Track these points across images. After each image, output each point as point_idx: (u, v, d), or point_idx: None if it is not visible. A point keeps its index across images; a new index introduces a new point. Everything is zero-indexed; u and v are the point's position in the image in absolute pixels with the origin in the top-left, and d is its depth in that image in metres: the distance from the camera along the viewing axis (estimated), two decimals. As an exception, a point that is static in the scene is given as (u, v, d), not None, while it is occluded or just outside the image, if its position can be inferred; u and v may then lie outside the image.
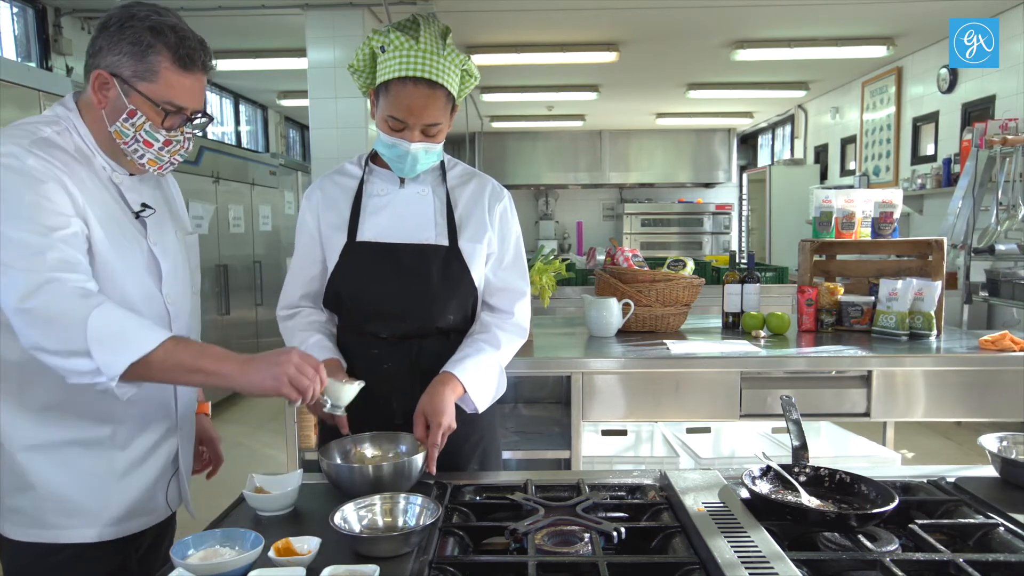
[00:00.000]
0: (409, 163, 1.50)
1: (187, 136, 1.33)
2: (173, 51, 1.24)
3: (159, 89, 1.25)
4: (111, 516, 1.32)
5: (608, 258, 2.93)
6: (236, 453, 4.65)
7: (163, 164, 1.33)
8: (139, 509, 1.36)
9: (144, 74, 1.24)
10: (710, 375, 2.31)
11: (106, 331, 1.12)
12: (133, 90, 1.25)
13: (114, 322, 1.13)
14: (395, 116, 1.45)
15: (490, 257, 1.61)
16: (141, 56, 1.23)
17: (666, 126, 10.21)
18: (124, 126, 1.27)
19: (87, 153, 1.29)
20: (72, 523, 1.29)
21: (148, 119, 1.27)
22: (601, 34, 5.92)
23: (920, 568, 1.04)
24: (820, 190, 3.03)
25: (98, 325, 1.12)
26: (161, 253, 1.37)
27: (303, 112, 6.76)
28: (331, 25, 4.90)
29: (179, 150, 1.33)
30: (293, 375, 1.17)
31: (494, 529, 1.20)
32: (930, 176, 5.90)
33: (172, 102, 1.27)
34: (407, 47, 1.41)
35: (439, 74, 1.42)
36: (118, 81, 1.25)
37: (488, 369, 1.54)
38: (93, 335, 1.11)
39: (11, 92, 3.59)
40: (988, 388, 2.29)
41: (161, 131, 1.28)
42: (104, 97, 1.26)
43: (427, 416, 1.42)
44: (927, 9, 5.16)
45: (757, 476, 1.29)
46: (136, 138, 1.27)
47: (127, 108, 1.25)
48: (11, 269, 1.12)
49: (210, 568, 1.00)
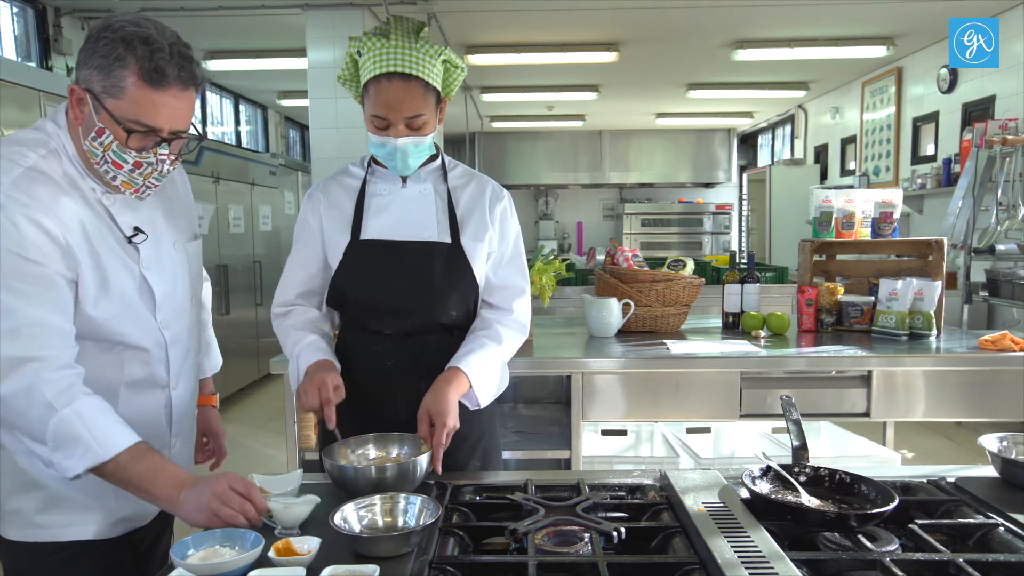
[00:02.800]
0: (400, 159, 1.51)
1: (160, 158, 1.21)
2: (141, 66, 1.13)
3: (123, 106, 1.15)
4: (109, 514, 1.32)
5: (608, 258, 2.93)
6: (236, 453, 4.63)
7: (138, 187, 1.23)
8: (137, 508, 1.34)
9: (111, 90, 1.15)
10: (710, 375, 2.31)
11: (66, 435, 1.12)
12: (101, 107, 1.16)
13: (76, 425, 1.12)
14: (377, 114, 1.47)
15: (490, 256, 1.63)
16: (108, 71, 1.14)
17: (666, 126, 10.21)
18: (93, 145, 1.18)
19: (74, 176, 1.22)
20: (71, 521, 1.29)
21: (115, 138, 1.17)
22: (601, 34, 5.91)
23: (920, 568, 1.04)
24: (820, 190, 3.03)
25: (58, 429, 1.12)
26: (155, 278, 1.31)
27: (303, 112, 6.76)
28: (331, 25, 4.90)
29: (151, 173, 1.22)
30: (216, 508, 1.11)
31: (494, 529, 1.20)
32: (930, 176, 5.90)
33: (139, 121, 1.16)
34: (379, 47, 1.44)
35: (411, 66, 1.44)
36: (91, 97, 1.16)
37: (491, 364, 1.55)
38: (51, 437, 1.12)
39: (11, 92, 3.59)
40: (988, 388, 2.29)
41: (131, 152, 1.18)
42: (80, 113, 1.18)
43: (432, 415, 1.42)
44: (927, 9, 5.16)
45: (757, 476, 1.29)
46: (105, 158, 1.19)
47: (96, 126, 1.17)
48: None
49: (210, 568, 1.00)
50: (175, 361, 1.38)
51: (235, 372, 5.93)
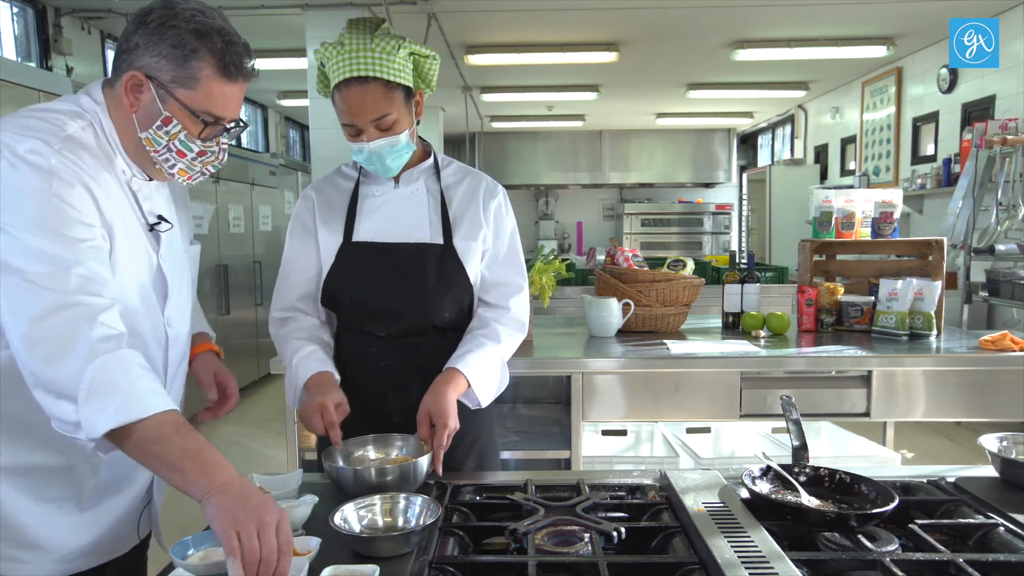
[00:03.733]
0: (377, 162, 1.50)
1: (222, 147, 1.24)
2: (218, 58, 1.15)
3: (199, 97, 1.16)
4: (73, 550, 1.20)
5: (608, 258, 2.93)
6: (236, 453, 4.65)
7: (193, 174, 1.24)
8: (105, 543, 1.25)
9: (184, 81, 1.14)
10: (710, 375, 2.31)
11: (103, 383, 1.00)
12: (170, 96, 1.15)
13: (116, 373, 1.01)
14: (344, 122, 1.48)
15: (485, 253, 1.62)
16: (183, 61, 1.13)
17: (666, 126, 10.21)
18: (157, 134, 1.17)
19: (110, 154, 1.19)
20: (28, 557, 1.16)
21: (184, 128, 1.17)
22: (601, 34, 5.91)
23: (920, 568, 1.04)
24: (820, 190, 3.03)
25: (96, 375, 1.00)
26: (170, 270, 1.28)
27: (303, 112, 6.76)
28: (331, 25, 4.89)
29: (212, 161, 1.24)
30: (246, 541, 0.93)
31: (494, 529, 1.20)
32: (930, 176, 5.90)
33: (211, 112, 1.18)
34: (335, 54, 1.44)
35: (366, 67, 1.42)
36: (154, 85, 1.14)
37: (490, 363, 1.55)
38: (86, 384, 0.99)
39: (11, 92, 3.59)
40: (988, 388, 2.29)
41: (196, 142, 1.19)
42: (136, 100, 1.16)
43: (432, 416, 1.41)
44: (927, 9, 5.16)
45: (757, 476, 1.29)
46: (169, 147, 1.18)
47: (162, 115, 1.16)
48: (31, 285, 1.01)
49: (210, 568, 1.00)
50: (172, 362, 1.34)
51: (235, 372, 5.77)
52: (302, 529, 1.16)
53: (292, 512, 1.15)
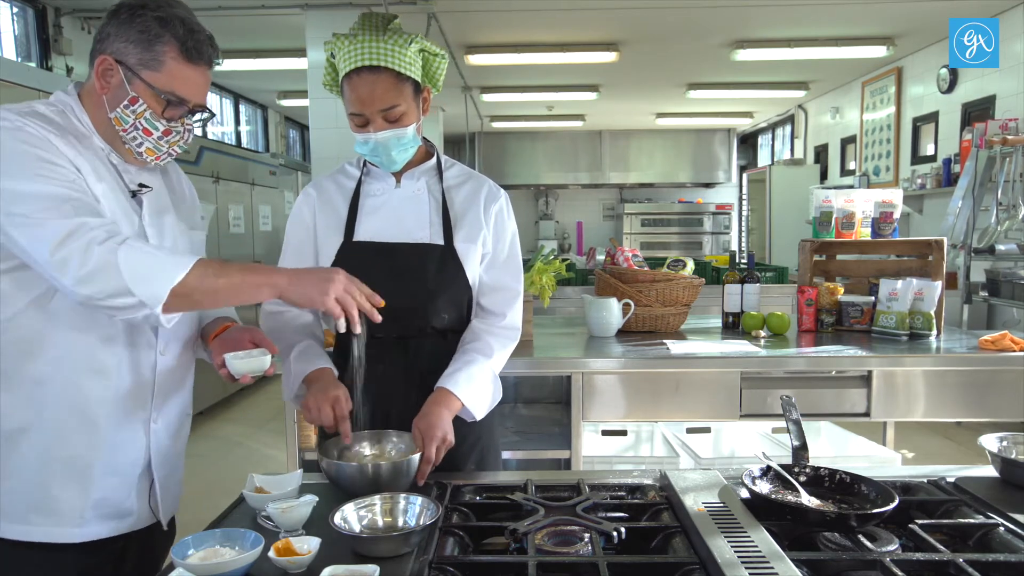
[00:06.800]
0: (383, 153, 1.50)
1: (187, 127, 1.34)
2: (181, 43, 1.26)
3: (162, 78, 1.26)
4: (83, 515, 1.27)
5: (608, 258, 2.93)
6: (236, 453, 4.65)
7: (161, 154, 1.33)
8: (111, 510, 1.30)
9: (149, 62, 1.25)
10: (710, 375, 2.31)
11: (139, 265, 1.13)
12: (136, 77, 1.26)
13: (145, 256, 1.15)
14: (353, 111, 1.48)
15: (485, 256, 1.61)
16: (148, 45, 1.25)
17: (666, 126, 10.20)
18: (124, 112, 1.27)
19: (84, 133, 1.29)
20: (42, 521, 1.24)
21: (149, 107, 1.27)
22: (601, 34, 5.91)
23: (920, 568, 1.04)
24: (820, 190, 3.03)
25: (130, 262, 1.13)
26: (154, 234, 1.33)
27: (303, 112, 6.76)
28: (331, 25, 4.85)
29: (178, 141, 1.34)
30: (340, 294, 1.22)
31: (494, 529, 1.20)
32: (930, 176, 5.90)
33: (174, 92, 1.28)
34: (347, 45, 1.45)
35: (379, 58, 1.43)
36: (122, 68, 1.25)
37: (482, 378, 1.53)
38: (128, 273, 1.12)
39: (11, 92, 3.59)
40: (988, 388, 2.29)
41: (161, 120, 1.29)
42: (107, 83, 1.27)
43: (423, 434, 1.40)
44: (927, 9, 5.16)
45: (757, 476, 1.29)
46: (136, 125, 1.28)
47: (129, 95, 1.26)
48: (36, 222, 1.13)
49: (210, 568, 1.00)
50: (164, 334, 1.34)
51: (235, 372, 5.91)
52: (302, 529, 1.17)
53: (292, 512, 1.16)
